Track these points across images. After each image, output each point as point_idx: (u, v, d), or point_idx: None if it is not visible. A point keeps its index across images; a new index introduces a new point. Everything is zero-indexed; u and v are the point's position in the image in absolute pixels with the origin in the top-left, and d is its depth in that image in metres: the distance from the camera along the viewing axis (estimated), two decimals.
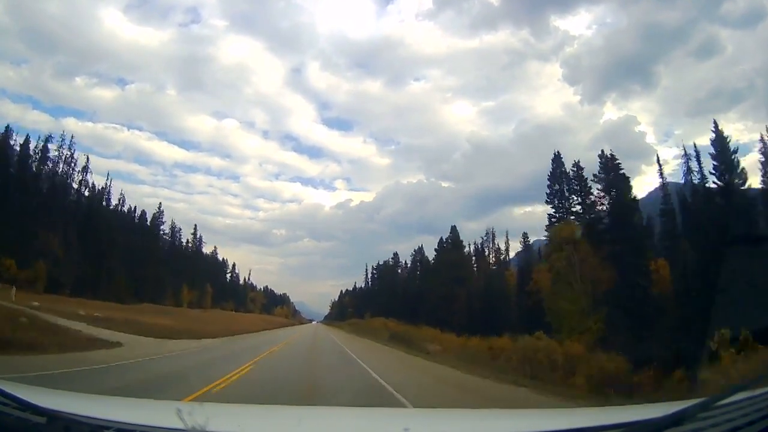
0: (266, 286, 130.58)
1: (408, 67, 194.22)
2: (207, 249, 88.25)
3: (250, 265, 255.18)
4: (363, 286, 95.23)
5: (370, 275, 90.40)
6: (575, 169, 37.08)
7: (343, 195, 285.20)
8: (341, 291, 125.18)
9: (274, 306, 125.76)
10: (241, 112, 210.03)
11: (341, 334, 48.40)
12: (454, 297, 48.89)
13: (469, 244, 58.65)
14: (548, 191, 37.75)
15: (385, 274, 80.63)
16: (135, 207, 66.01)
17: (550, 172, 38.09)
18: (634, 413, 1.73)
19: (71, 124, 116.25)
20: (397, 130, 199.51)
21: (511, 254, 57.77)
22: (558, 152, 38.77)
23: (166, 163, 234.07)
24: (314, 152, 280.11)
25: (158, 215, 68.59)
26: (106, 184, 58.27)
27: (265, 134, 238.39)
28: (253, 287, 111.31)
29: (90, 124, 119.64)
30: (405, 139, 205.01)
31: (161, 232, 68.83)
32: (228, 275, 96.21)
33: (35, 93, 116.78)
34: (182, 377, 10.61)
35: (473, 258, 58.50)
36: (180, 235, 74.94)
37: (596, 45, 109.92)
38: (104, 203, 56.80)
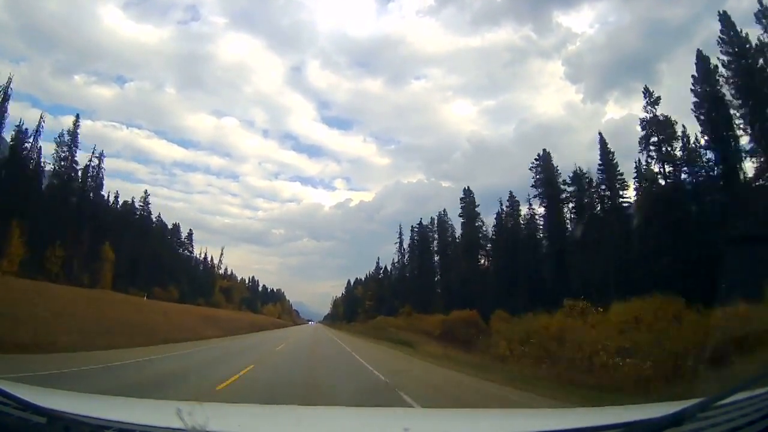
0: (252, 277, 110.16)
1: (409, 65, 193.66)
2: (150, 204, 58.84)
3: (249, 264, 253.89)
4: (393, 264, 65.46)
5: (407, 246, 59.43)
6: None
7: (342, 195, 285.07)
8: (349, 281, 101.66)
9: (265, 302, 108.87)
10: (240, 110, 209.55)
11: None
12: None
13: None
14: None
15: (431, 238, 51.93)
16: None
17: None
18: (634, 413, 1.73)
19: (70, 122, 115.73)
20: (398, 130, 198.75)
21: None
22: None
23: (165, 161, 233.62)
24: (314, 151, 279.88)
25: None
26: None
27: (265, 133, 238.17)
28: (227, 275, 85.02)
29: (89, 122, 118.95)
30: (405, 139, 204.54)
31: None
32: (189, 254, 68.03)
33: (34, 91, 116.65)
34: None
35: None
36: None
37: (599, 42, 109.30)
38: None
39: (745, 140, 26.96)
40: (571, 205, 37.06)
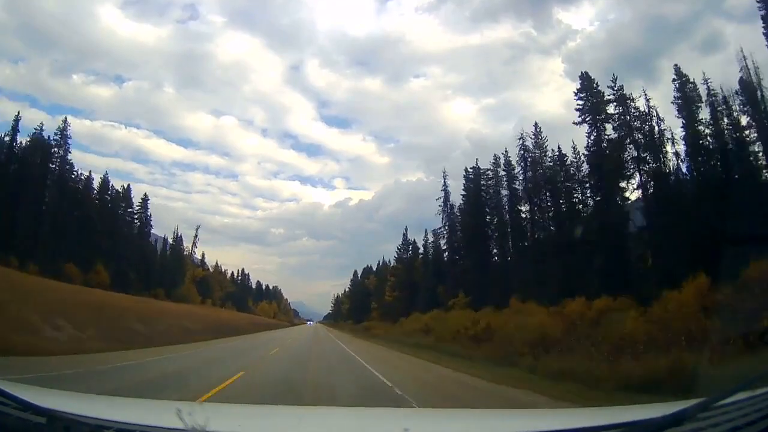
0: (242, 269, 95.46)
1: (408, 64, 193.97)
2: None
3: (249, 264, 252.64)
4: (428, 235, 49.42)
5: (460, 198, 41.03)
6: None
7: (342, 194, 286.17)
8: (355, 272, 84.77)
9: (258, 300, 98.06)
10: (239, 109, 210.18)
11: None
12: None
13: None
14: None
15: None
16: None
17: None
18: (634, 413, 1.73)
19: (70, 124, 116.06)
20: (397, 128, 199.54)
21: None
22: None
23: (164, 161, 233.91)
24: (313, 150, 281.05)
25: None
26: None
27: (264, 132, 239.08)
28: (202, 264, 69.20)
29: (88, 122, 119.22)
30: (405, 137, 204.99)
31: None
32: (145, 228, 53.86)
33: (33, 91, 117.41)
34: None
35: None
36: None
37: (599, 39, 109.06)
38: None
39: None
40: None
